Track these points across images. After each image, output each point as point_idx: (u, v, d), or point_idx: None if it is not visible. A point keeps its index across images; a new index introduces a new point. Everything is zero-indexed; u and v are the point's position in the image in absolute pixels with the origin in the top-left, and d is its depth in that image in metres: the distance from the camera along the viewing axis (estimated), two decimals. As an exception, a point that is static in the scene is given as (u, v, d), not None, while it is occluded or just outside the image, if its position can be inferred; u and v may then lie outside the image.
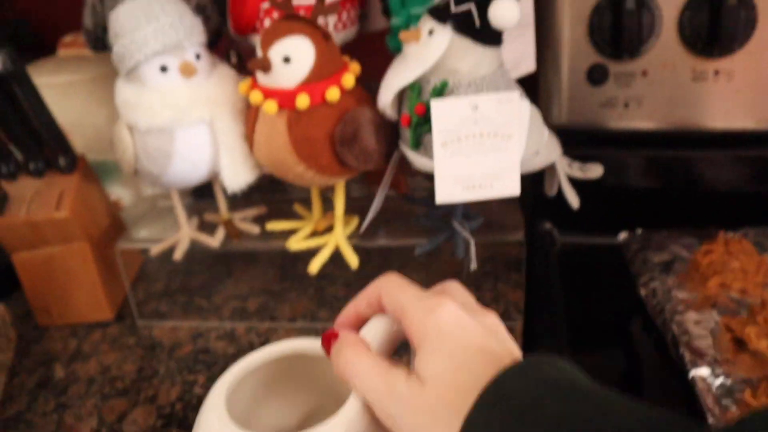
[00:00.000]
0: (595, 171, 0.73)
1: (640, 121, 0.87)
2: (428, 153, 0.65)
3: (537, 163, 0.69)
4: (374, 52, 0.80)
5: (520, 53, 0.75)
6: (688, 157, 0.89)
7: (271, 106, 0.65)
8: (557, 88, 0.87)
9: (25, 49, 1.11)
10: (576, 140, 0.80)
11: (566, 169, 0.73)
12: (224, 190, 0.78)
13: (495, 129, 0.63)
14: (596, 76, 0.85)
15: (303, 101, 0.64)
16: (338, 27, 0.75)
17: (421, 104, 0.64)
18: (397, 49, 0.74)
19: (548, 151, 0.69)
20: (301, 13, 0.67)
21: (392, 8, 0.72)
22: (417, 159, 0.67)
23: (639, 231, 0.88)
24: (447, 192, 0.64)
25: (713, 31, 0.79)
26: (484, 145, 0.63)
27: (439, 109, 0.61)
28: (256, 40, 0.78)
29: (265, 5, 0.74)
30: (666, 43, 0.82)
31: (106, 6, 0.80)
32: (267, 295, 0.88)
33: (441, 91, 0.63)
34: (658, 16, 0.81)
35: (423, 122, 0.64)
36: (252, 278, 0.93)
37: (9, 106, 0.78)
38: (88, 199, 0.85)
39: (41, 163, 0.83)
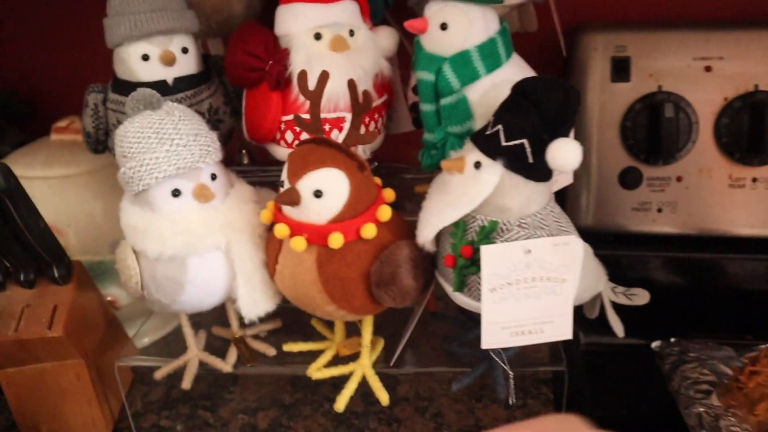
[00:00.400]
0: (641, 298, 0.69)
1: (674, 226, 0.83)
2: (473, 295, 0.60)
3: (585, 298, 0.64)
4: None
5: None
6: (720, 260, 0.85)
7: (299, 243, 0.59)
8: (587, 191, 0.83)
9: (15, 120, 1.06)
10: (604, 241, 0.76)
11: (611, 295, 0.68)
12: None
13: (548, 273, 0.57)
14: (629, 180, 0.81)
15: (336, 240, 0.58)
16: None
17: (469, 246, 0.58)
18: (430, 167, 0.69)
19: (596, 282, 0.64)
20: (326, 128, 0.62)
21: (426, 124, 0.67)
22: (460, 299, 0.61)
23: (673, 340, 0.83)
24: (494, 338, 0.59)
25: (754, 139, 0.75)
26: (535, 290, 0.58)
27: (489, 254, 0.56)
28: (276, 150, 0.72)
29: (287, 117, 0.68)
30: (702, 148, 0.79)
31: (109, 108, 0.73)
32: (278, 410, 0.82)
33: (490, 232, 0.58)
34: (694, 121, 0.78)
35: (469, 264, 0.58)
36: (260, 385, 0.86)
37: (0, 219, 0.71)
38: (83, 312, 0.77)
39: (32, 273, 0.75)
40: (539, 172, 0.57)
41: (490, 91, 0.63)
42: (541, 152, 0.56)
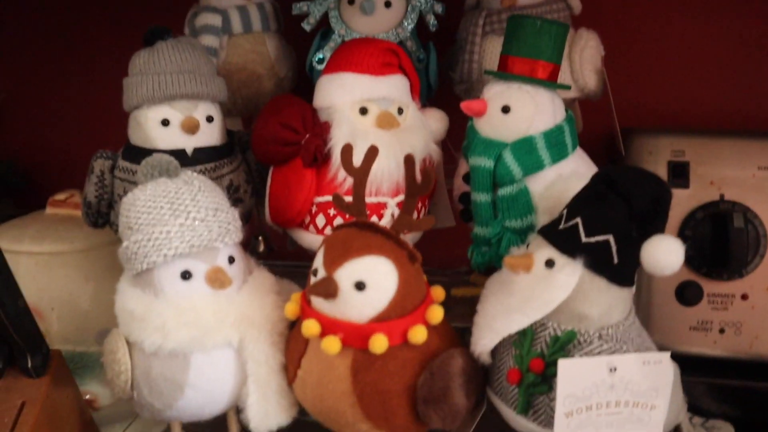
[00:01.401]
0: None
1: (738, 350, 0.74)
2: (540, 419, 0.49)
3: (666, 429, 0.53)
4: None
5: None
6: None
7: (332, 345, 0.49)
8: (640, 305, 0.74)
9: (12, 192, 0.99)
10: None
11: (689, 428, 0.58)
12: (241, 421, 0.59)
13: (635, 397, 0.47)
14: (688, 295, 0.73)
15: (379, 343, 0.48)
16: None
17: (539, 359, 0.48)
18: (481, 266, 0.60)
19: (679, 412, 0.54)
20: (375, 221, 0.53)
21: (479, 216, 0.59)
22: (523, 424, 0.50)
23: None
24: (565, 476, 0.48)
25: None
26: (619, 417, 0.48)
27: (568, 370, 0.46)
28: (302, 236, 0.63)
29: (321, 198, 0.60)
30: (771, 265, 0.71)
31: (117, 177, 0.65)
32: None
33: (565, 344, 0.48)
34: (762, 234, 0.71)
35: (539, 381, 0.48)
36: None
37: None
38: (56, 412, 0.65)
39: (1, 363, 0.64)
40: (624, 274, 0.49)
41: (556, 183, 0.56)
42: (627, 252, 0.48)
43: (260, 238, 0.78)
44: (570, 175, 0.56)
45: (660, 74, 0.85)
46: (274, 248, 0.77)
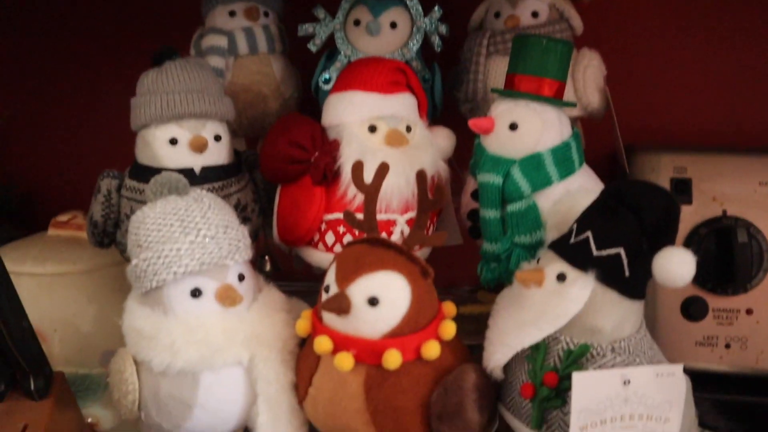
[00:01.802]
0: (736, 449, 0.58)
1: (744, 365, 0.74)
2: (554, 435, 0.49)
3: (678, 445, 0.53)
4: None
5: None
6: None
7: (345, 361, 0.49)
8: (648, 322, 0.74)
9: (12, 216, 0.98)
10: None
11: (701, 444, 0.57)
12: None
13: (649, 410, 0.47)
14: (693, 311, 0.73)
15: (393, 359, 0.48)
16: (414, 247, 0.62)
17: (553, 373, 0.48)
18: (491, 282, 0.60)
19: (691, 427, 0.54)
20: (385, 236, 0.53)
21: (488, 233, 0.59)
22: (537, 440, 0.50)
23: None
24: (581, 492, 0.47)
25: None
26: (634, 431, 0.47)
27: (582, 383, 0.46)
28: (311, 254, 0.63)
29: (330, 216, 0.60)
30: (775, 279, 0.72)
31: (123, 196, 0.65)
32: None
33: (578, 358, 0.48)
34: (766, 249, 0.71)
35: (553, 395, 0.48)
36: None
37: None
38: (57, 435, 0.64)
39: (3, 384, 0.63)
40: (636, 287, 0.49)
41: (564, 199, 0.56)
42: (638, 265, 0.48)
43: (267, 257, 0.78)
44: (578, 190, 0.57)
45: (662, 93, 0.86)
46: (280, 268, 0.77)
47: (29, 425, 0.61)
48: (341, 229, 0.60)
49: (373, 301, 0.49)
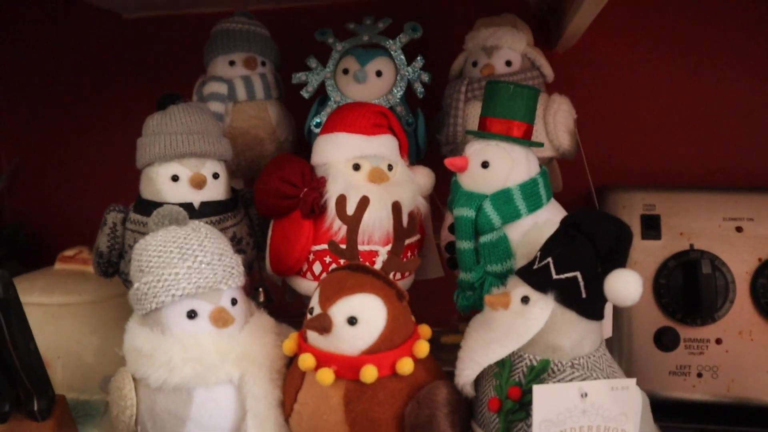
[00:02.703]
0: (699, 467, 0.61)
1: (716, 394, 0.77)
2: (520, 446, 0.52)
3: (641, 460, 0.57)
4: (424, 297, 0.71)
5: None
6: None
7: (326, 376, 0.53)
8: (620, 352, 0.78)
9: (20, 253, 1.03)
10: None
11: (665, 463, 0.60)
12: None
13: (606, 422, 0.51)
14: (666, 341, 0.76)
15: (370, 373, 0.52)
16: (396, 276, 0.66)
17: (516, 387, 0.52)
18: (466, 309, 0.65)
19: (652, 444, 0.57)
20: (366, 264, 0.58)
21: (463, 263, 0.64)
22: (504, 452, 0.54)
23: None
24: (545, 500, 0.51)
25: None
26: (592, 442, 0.51)
27: (542, 395, 0.50)
28: (300, 283, 0.68)
29: (317, 247, 0.65)
30: (741, 309, 0.76)
31: (128, 229, 0.70)
32: None
33: (540, 372, 0.52)
34: (731, 281, 0.75)
35: (517, 408, 0.52)
36: None
37: (-13, 335, 0.64)
38: (56, 457, 0.67)
39: (8, 405, 0.66)
40: (593, 308, 0.53)
41: (532, 231, 0.61)
42: (594, 287, 0.52)
43: (261, 289, 0.82)
44: (545, 223, 0.62)
45: (631, 134, 0.92)
46: (273, 299, 0.82)
47: (30, 445, 0.65)
48: (327, 259, 0.65)
49: (352, 321, 0.53)
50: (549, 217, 0.64)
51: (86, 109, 1.05)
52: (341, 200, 0.59)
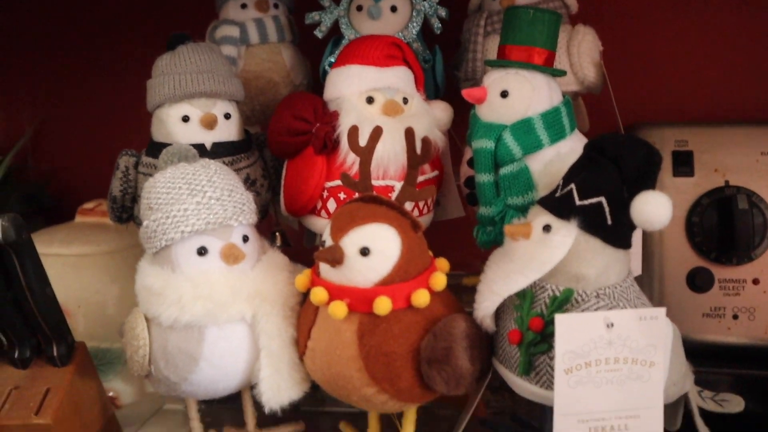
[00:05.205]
0: (734, 405, 0.58)
1: (753, 336, 0.73)
2: (542, 381, 0.50)
3: (672, 395, 0.54)
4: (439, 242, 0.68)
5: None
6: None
7: (338, 309, 0.51)
8: (651, 294, 0.75)
9: (43, 215, 1.04)
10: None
11: (698, 400, 0.58)
12: (257, 402, 0.61)
13: (634, 354, 0.48)
14: (699, 282, 0.73)
15: (383, 305, 0.50)
16: (413, 213, 0.64)
17: (538, 318, 0.50)
18: (487, 244, 0.62)
19: (684, 378, 0.55)
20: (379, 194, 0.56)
21: (483, 196, 0.61)
22: (525, 387, 0.51)
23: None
24: (568, 434, 0.48)
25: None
26: (618, 374, 0.48)
27: (565, 325, 0.47)
28: (314, 222, 0.66)
29: (331, 183, 0.63)
30: (780, 248, 0.72)
31: (140, 172, 0.69)
32: None
33: (563, 302, 0.50)
34: (769, 218, 0.72)
35: (539, 340, 0.50)
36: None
37: (2, 281, 0.63)
38: (79, 401, 0.67)
39: (28, 351, 0.67)
40: (619, 235, 0.50)
41: (554, 161, 0.58)
42: (621, 213, 0.49)
43: (277, 234, 0.81)
44: (568, 153, 0.58)
45: (661, 68, 0.87)
46: (291, 244, 0.80)
47: (51, 389, 0.65)
48: (342, 195, 0.63)
49: (364, 251, 0.51)
50: (572, 147, 0.60)
51: (102, 60, 1.03)
52: (353, 131, 0.56)
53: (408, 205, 0.64)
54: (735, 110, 0.86)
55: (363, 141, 0.56)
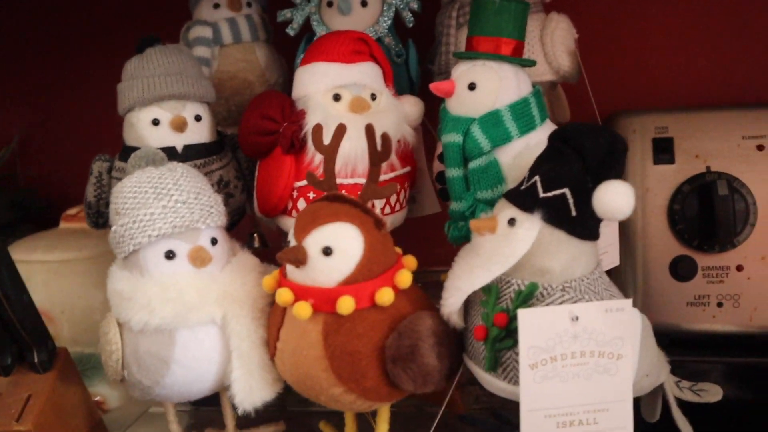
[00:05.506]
0: (712, 394, 0.57)
1: (738, 324, 0.72)
2: (509, 376, 0.49)
3: (645, 387, 0.53)
4: (421, 238, 0.68)
5: (601, 245, 0.62)
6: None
7: (303, 309, 0.51)
8: (634, 284, 0.74)
9: (31, 221, 1.04)
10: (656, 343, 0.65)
11: (675, 390, 0.57)
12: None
13: (600, 347, 0.48)
14: (682, 270, 0.72)
15: (346, 305, 0.50)
16: (385, 210, 0.63)
17: (503, 313, 0.49)
18: (458, 240, 0.62)
19: (658, 370, 0.54)
20: (344, 193, 0.55)
21: (453, 191, 0.61)
22: (493, 383, 0.51)
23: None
24: (536, 429, 0.48)
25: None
26: (585, 368, 0.48)
27: (528, 320, 0.47)
28: (286, 222, 0.66)
29: (300, 183, 0.62)
30: (763, 233, 0.70)
31: (113, 177, 0.68)
32: None
33: (528, 297, 0.49)
34: (751, 203, 0.70)
35: (504, 336, 0.49)
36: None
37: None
38: (61, 407, 0.67)
39: (9, 358, 0.67)
40: (584, 227, 0.50)
41: (524, 153, 0.58)
42: (585, 204, 0.48)
43: (255, 234, 0.81)
44: (537, 144, 0.57)
45: (639, 54, 0.86)
46: (269, 245, 0.80)
47: (33, 395, 0.65)
48: (311, 195, 0.63)
49: (327, 251, 0.50)
50: (542, 139, 0.59)
51: (89, 67, 1.03)
52: (317, 129, 0.56)
53: (379, 203, 0.63)
54: (715, 95, 0.84)
55: (327, 139, 0.56)
